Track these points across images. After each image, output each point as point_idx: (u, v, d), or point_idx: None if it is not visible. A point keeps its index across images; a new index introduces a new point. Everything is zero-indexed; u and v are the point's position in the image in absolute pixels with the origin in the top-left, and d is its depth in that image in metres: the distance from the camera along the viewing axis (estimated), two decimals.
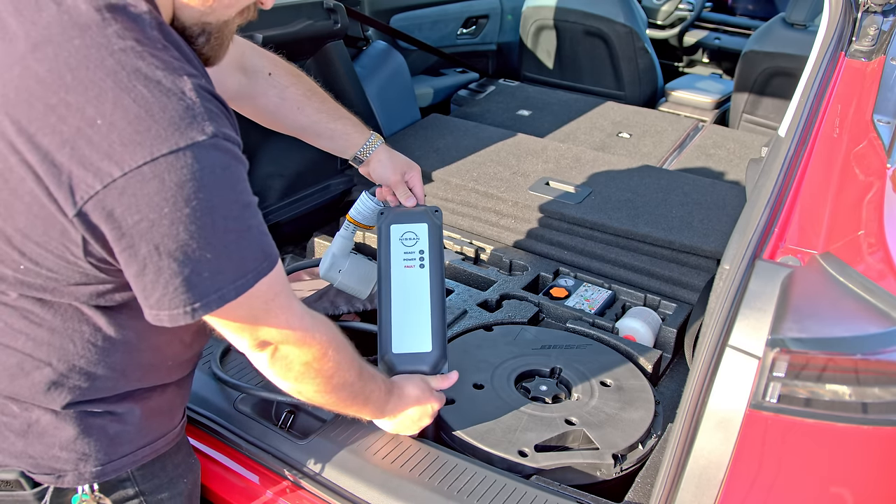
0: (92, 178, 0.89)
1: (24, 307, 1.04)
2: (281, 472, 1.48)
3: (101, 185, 0.89)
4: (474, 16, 3.78)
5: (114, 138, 0.88)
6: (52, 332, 1.05)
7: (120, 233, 0.91)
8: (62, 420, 1.10)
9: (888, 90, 1.60)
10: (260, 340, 1.10)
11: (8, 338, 1.06)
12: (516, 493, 1.40)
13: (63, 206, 0.91)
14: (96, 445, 1.13)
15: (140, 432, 1.17)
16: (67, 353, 1.07)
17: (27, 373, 1.07)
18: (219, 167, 0.93)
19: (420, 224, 1.63)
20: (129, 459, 1.17)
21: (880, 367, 1.13)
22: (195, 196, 0.91)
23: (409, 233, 1.62)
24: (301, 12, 2.44)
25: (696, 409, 1.21)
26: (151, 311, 0.98)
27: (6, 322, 1.05)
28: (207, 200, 0.92)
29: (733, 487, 1.20)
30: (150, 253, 0.92)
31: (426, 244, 1.61)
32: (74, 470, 1.12)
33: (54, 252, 0.96)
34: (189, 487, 1.30)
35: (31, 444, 1.10)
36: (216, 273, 0.95)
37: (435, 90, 3.47)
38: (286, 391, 1.23)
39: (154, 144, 0.88)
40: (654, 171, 2.58)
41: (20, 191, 0.92)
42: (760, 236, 1.28)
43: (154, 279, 0.94)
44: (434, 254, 1.61)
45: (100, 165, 0.88)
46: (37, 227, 0.94)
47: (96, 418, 1.12)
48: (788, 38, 3.26)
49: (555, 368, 1.76)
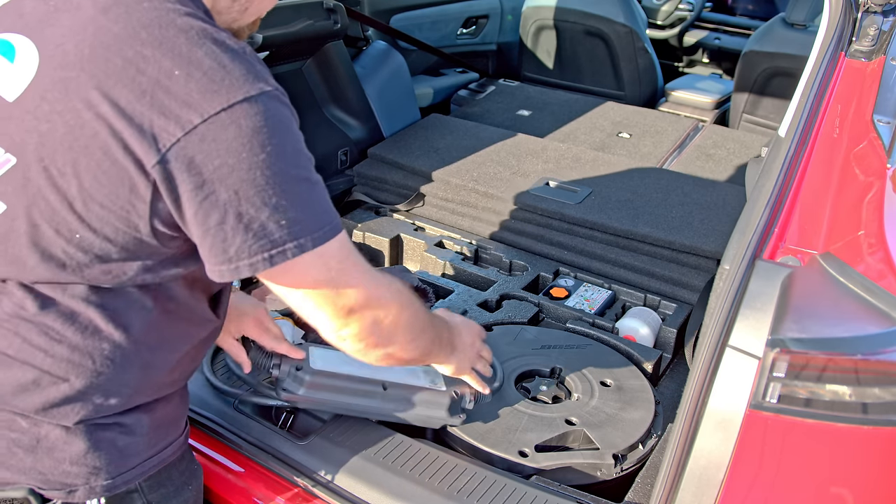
0: (173, 125, 0.93)
1: (44, 323, 1.04)
2: (281, 473, 1.48)
3: (182, 133, 0.93)
4: (474, 16, 3.78)
5: (192, 87, 0.93)
6: (71, 350, 1.05)
7: (200, 180, 0.94)
8: (72, 435, 1.09)
9: (888, 90, 1.60)
10: (344, 307, 1.07)
11: (26, 354, 1.05)
12: (516, 493, 1.40)
13: (142, 157, 0.93)
14: (106, 458, 1.12)
15: (148, 443, 1.17)
16: (86, 369, 1.07)
17: (43, 388, 1.06)
18: (285, 117, 0.99)
19: None
20: (138, 471, 1.17)
21: (880, 367, 1.13)
22: (269, 141, 0.95)
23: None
24: (301, 12, 2.44)
25: (696, 409, 1.21)
26: (230, 264, 0.98)
27: (25, 338, 1.05)
28: (280, 146, 0.96)
29: (733, 487, 1.20)
30: (231, 199, 0.95)
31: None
32: (86, 484, 1.11)
33: (118, 213, 0.97)
34: (194, 493, 1.30)
35: (40, 459, 1.09)
36: (293, 222, 0.97)
37: (435, 90, 3.47)
38: (376, 362, 1.20)
39: (229, 92, 0.94)
40: (654, 171, 2.58)
41: (91, 147, 0.94)
42: (760, 236, 1.28)
43: (234, 226, 0.96)
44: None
45: (179, 113, 0.92)
46: (104, 185, 0.96)
47: (106, 431, 1.12)
48: (788, 38, 3.26)
49: (555, 368, 1.76)
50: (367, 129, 2.80)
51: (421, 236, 2.37)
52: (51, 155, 0.97)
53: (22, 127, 0.98)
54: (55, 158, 0.96)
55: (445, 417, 1.50)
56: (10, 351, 1.05)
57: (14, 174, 0.99)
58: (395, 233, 2.36)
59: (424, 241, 2.33)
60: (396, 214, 2.51)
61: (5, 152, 1.00)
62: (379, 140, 2.79)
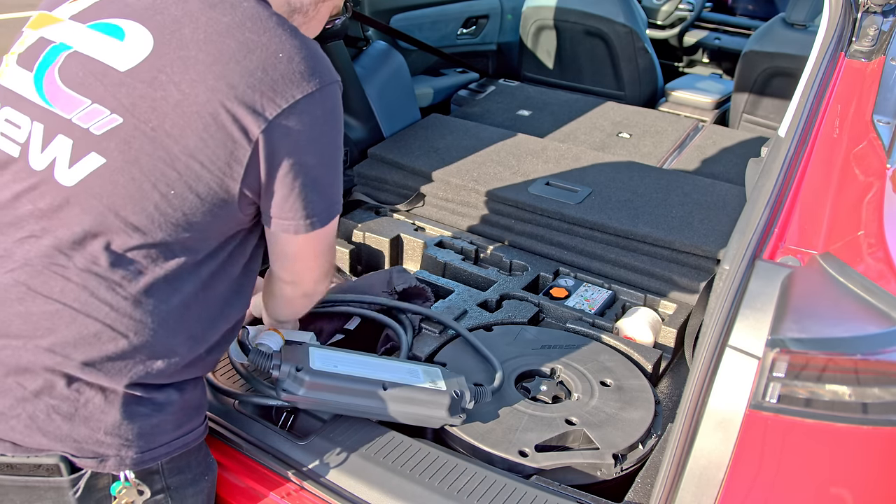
0: (280, 98, 1.13)
1: (113, 279, 1.12)
2: (281, 473, 1.47)
3: (286, 104, 1.13)
4: (474, 16, 3.78)
5: (293, 68, 1.14)
6: (135, 307, 1.14)
7: (295, 147, 1.16)
8: (110, 404, 1.14)
9: (888, 90, 1.60)
10: (326, 270, 1.39)
11: (92, 308, 1.12)
12: (516, 493, 1.40)
13: (249, 125, 1.12)
14: (138, 432, 1.17)
15: (176, 423, 1.22)
16: (145, 328, 1.14)
17: (103, 342, 1.12)
18: (341, 104, 1.23)
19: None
20: (164, 450, 1.21)
21: (880, 367, 1.13)
22: (336, 122, 1.22)
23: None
24: None
25: (696, 409, 1.21)
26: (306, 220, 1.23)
27: (93, 292, 1.12)
28: (339, 128, 1.24)
29: (733, 487, 1.20)
30: (314, 164, 1.19)
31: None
32: (117, 455, 1.16)
33: (215, 173, 1.13)
34: (209, 486, 1.34)
35: (76, 427, 1.13)
36: (335, 191, 1.27)
37: (435, 90, 3.47)
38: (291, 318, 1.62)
39: (322, 75, 1.17)
40: (654, 171, 2.58)
41: (203, 113, 1.10)
42: (760, 236, 1.28)
43: (313, 188, 1.21)
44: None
45: (284, 89, 1.13)
46: (209, 146, 1.12)
47: (141, 405, 1.17)
48: (788, 39, 3.26)
49: (555, 368, 1.76)
50: (367, 129, 2.80)
51: (421, 236, 2.37)
52: (160, 118, 1.11)
53: (134, 93, 1.12)
54: (164, 121, 1.11)
55: (445, 417, 1.50)
56: (76, 304, 1.12)
57: (119, 132, 1.12)
58: (395, 233, 2.36)
59: (424, 241, 2.33)
60: (396, 214, 2.51)
61: (111, 113, 1.13)
62: (379, 140, 2.79)
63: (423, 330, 1.88)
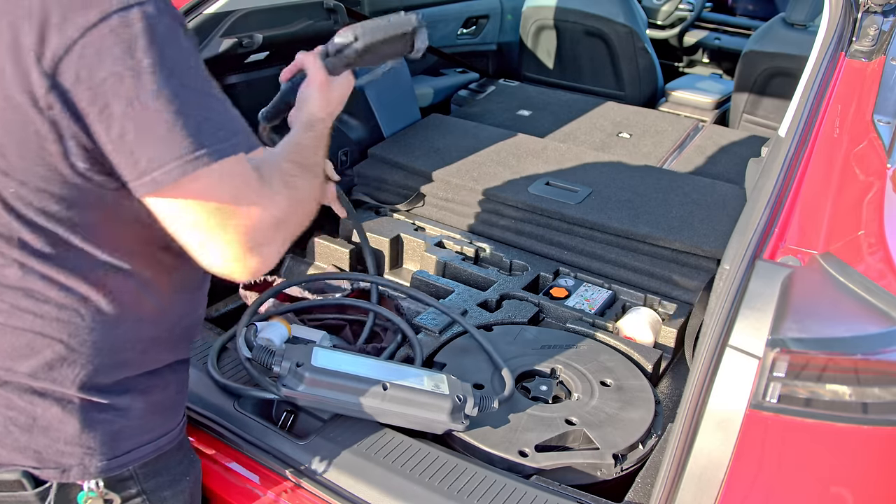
0: (56, 43, 0.92)
1: (27, 287, 1.05)
2: (281, 473, 1.48)
3: (63, 50, 0.92)
4: (474, 16, 3.78)
5: (66, 3, 0.92)
6: (59, 308, 1.07)
7: (92, 95, 0.93)
8: (68, 413, 1.10)
9: (888, 90, 1.60)
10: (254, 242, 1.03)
11: (15, 319, 1.07)
12: (516, 494, 1.40)
13: (35, 89, 0.93)
14: (101, 439, 1.13)
15: (143, 428, 1.18)
16: (77, 327, 1.08)
17: (38, 351, 1.08)
18: (170, 28, 0.97)
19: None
20: (133, 455, 1.17)
21: (880, 367, 1.14)
22: (151, 48, 0.93)
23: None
24: (301, 12, 2.44)
25: (696, 409, 1.21)
26: (144, 177, 0.96)
27: (11, 304, 1.06)
28: (165, 56, 0.95)
29: (733, 487, 1.20)
30: (126, 110, 0.93)
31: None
32: (80, 464, 1.12)
33: (34, 160, 0.97)
34: (191, 486, 1.30)
35: (35, 438, 1.10)
36: (200, 131, 0.96)
37: (435, 90, 3.47)
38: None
39: (103, 4, 0.92)
40: (654, 171, 2.58)
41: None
42: (760, 236, 1.28)
43: (137, 137, 0.94)
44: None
45: (61, 29, 0.92)
46: (13, 134, 0.95)
47: (101, 412, 1.13)
48: (788, 38, 3.26)
49: (555, 368, 1.76)
50: (367, 129, 2.80)
51: (421, 236, 2.37)
52: None
53: None
54: None
55: (447, 422, 1.50)
56: (1, 318, 1.07)
57: None
58: (395, 233, 2.36)
59: (424, 241, 2.33)
60: (396, 214, 2.51)
61: None
62: (379, 140, 2.79)
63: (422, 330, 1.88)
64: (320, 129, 1.29)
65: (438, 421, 1.50)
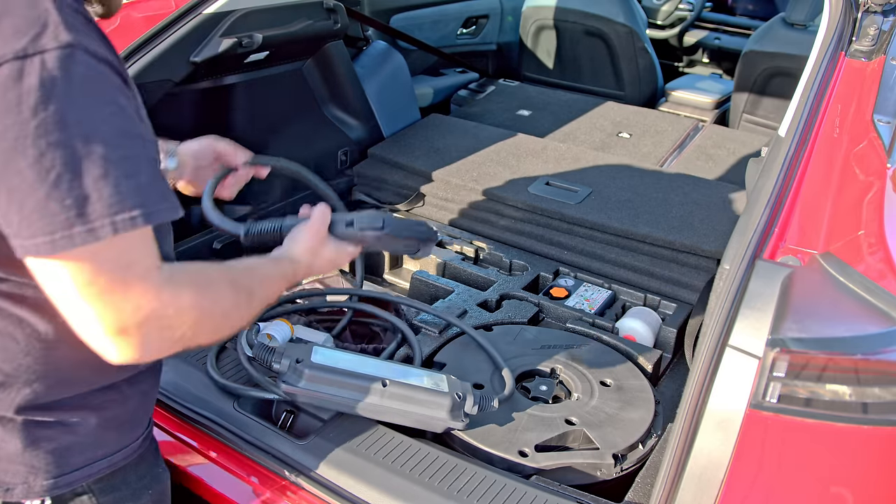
0: None
1: None
2: (280, 473, 1.48)
3: None
4: (474, 16, 3.78)
5: None
6: None
7: None
8: (9, 432, 1.06)
9: (888, 90, 1.60)
10: (124, 323, 0.90)
11: None
12: (516, 493, 1.40)
13: None
14: (46, 458, 1.08)
15: (95, 444, 1.13)
16: (11, 352, 1.02)
17: None
18: (84, 78, 0.86)
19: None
20: (84, 472, 1.12)
21: (880, 367, 1.13)
22: (43, 106, 0.83)
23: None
24: (301, 12, 2.44)
25: (696, 409, 1.21)
26: (14, 239, 0.87)
27: None
28: (65, 112, 0.84)
29: (733, 487, 1.20)
30: (1, 172, 0.84)
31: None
32: (24, 483, 1.08)
33: None
34: (154, 499, 1.26)
35: None
36: (83, 201, 0.84)
37: (435, 90, 3.47)
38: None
39: (2, 47, 0.83)
40: (654, 172, 2.58)
41: None
42: (760, 236, 1.28)
43: (9, 202, 0.85)
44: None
45: None
46: None
47: (46, 429, 1.08)
48: (788, 38, 3.26)
49: (555, 368, 1.76)
50: (367, 129, 2.80)
51: None
52: None
53: None
54: None
55: (446, 420, 1.50)
56: None
57: None
58: None
59: None
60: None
61: None
62: (379, 140, 2.79)
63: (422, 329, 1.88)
64: (289, 273, 1.23)
65: (438, 418, 1.50)
